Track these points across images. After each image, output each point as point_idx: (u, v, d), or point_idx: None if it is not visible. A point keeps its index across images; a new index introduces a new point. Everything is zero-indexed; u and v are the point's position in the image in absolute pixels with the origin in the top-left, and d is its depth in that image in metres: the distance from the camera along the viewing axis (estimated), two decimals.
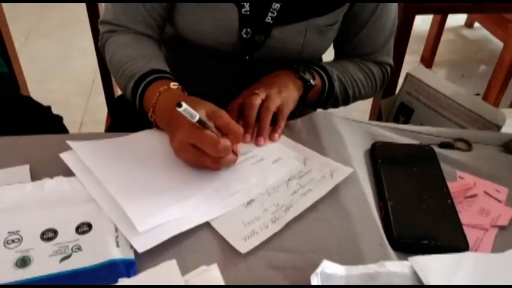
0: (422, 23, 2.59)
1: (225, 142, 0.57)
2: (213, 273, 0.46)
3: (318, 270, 0.48)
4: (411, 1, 1.13)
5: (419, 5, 1.16)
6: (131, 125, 0.70)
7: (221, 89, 0.85)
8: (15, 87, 1.04)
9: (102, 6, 1.09)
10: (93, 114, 2.07)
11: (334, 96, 0.86)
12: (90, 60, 1.18)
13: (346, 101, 0.90)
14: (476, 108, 0.92)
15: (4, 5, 1.22)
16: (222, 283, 0.45)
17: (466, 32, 2.98)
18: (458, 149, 0.72)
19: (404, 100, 1.05)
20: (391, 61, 0.95)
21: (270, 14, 0.78)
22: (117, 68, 0.77)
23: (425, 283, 0.49)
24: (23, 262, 0.49)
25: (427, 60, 2.61)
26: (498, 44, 2.29)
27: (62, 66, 2.37)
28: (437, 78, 1.02)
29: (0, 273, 0.47)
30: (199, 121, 0.56)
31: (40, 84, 2.09)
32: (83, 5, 1.10)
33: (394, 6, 0.88)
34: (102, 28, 0.84)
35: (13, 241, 0.50)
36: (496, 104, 1.96)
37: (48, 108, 0.98)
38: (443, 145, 0.72)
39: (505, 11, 1.79)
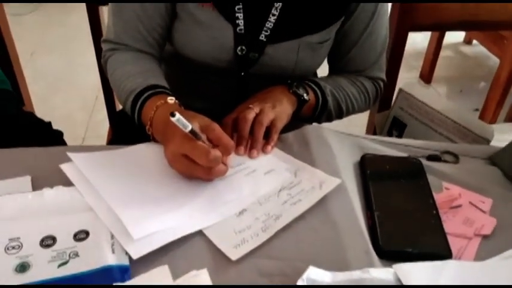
0: (421, 39, 2.63)
1: (216, 152, 0.60)
2: (202, 278, 0.48)
3: (304, 276, 0.50)
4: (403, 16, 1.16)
5: (412, 22, 1.19)
6: (132, 138, 0.73)
7: (218, 104, 0.88)
8: (19, 104, 1.07)
9: (105, 23, 1.13)
10: (96, 129, 2.10)
11: (327, 111, 0.88)
12: (93, 76, 1.22)
13: (340, 115, 0.93)
14: (467, 123, 0.94)
15: (10, 21, 1.26)
16: (207, 278, 0.48)
17: (465, 48, 3.02)
18: (446, 161, 0.74)
19: (397, 115, 1.08)
20: (383, 76, 0.98)
21: (263, 32, 0.81)
22: (118, 83, 0.80)
23: (404, 283, 0.51)
24: (23, 267, 0.51)
25: (426, 76, 2.65)
26: (496, 60, 2.33)
27: (66, 82, 2.41)
28: (429, 94, 1.04)
29: (1, 278, 0.50)
30: (192, 132, 0.58)
31: (44, 100, 2.13)
32: (87, 23, 1.14)
33: (385, 24, 0.91)
34: (104, 46, 0.88)
35: (13, 247, 0.53)
36: (494, 119, 1.98)
37: (49, 124, 1.01)
38: (430, 158, 0.74)
39: (498, 28, 1.82)
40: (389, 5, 0.95)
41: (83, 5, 1.14)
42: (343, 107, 0.91)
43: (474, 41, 2.94)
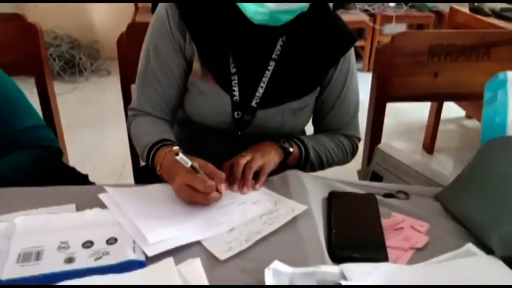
0: (424, 114, 2.85)
1: (211, 182, 0.81)
2: (196, 263, 0.68)
3: (271, 266, 0.69)
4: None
5: (389, 94, 1.42)
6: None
7: (220, 158, 1.09)
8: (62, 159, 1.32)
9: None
10: None
11: (310, 162, 1.09)
12: (122, 147, 1.46)
13: (321, 166, 1.13)
14: (429, 174, 1.13)
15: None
16: (202, 270, 0.67)
17: (466, 122, 3.23)
18: (398, 198, 0.93)
19: (375, 169, 1.27)
20: (358, 134, 1.19)
21: (254, 100, 1.05)
22: (138, 139, 1.04)
23: (348, 279, 0.69)
24: (70, 260, 0.71)
25: (428, 147, 2.84)
26: None
27: (97, 152, 2.69)
28: (400, 152, 1.24)
29: (55, 266, 0.70)
30: (192, 167, 0.80)
31: (77, 167, 2.39)
32: (117, 101, 1.40)
33: (355, 92, 1.14)
34: (129, 112, 1.12)
35: (63, 248, 0.73)
36: None
37: (86, 176, 1.25)
38: (386, 195, 0.94)
39: (461, 99, 2.03)
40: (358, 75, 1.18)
41: (116, 85, 1.41)
42: (323, 159, 1.11)
43: None
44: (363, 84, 1.27)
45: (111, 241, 0.75)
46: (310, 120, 1.18)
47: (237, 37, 1.01)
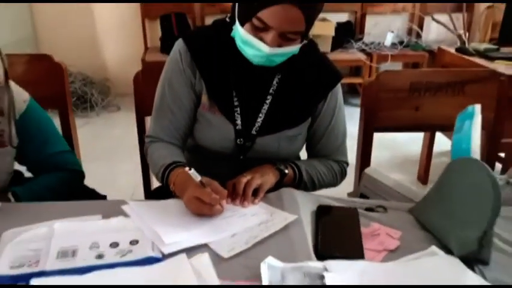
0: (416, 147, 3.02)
1: (215, 195, 0.97)
2: (204, 257, 0.83)
3: (266, 261, 0.84)
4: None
5: (376, 124, 1.58)
6: None
7: (224, 180, 1.25)
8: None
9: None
10: None
11: (303, 182, 1.24)
12: (131, 178, 1.61)
13: (313, 186, 1.28)
14: (407, 192, 1.28)
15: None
16: (210, 263, 0.82)
17: None
18: (377, 211, 1.08)
19: (362, 191, 1.42)
20: (346, 159, 1.35)
21: (254, 128, 1.22)
22: (154, 162, 1.21)
23: (329, 271, 0.83)
24: (99, 256, 0.86)
25: (422, 178, 2.99)
26: None
27: (108, 183, 2.85)
28: (384, 175, 1.39)
29: (87, 261, 0.85)
30: (201, 182, 0.96)
31: None
32: (126, 136, 1.57)
33: (343, 123, 1.31)
34: (146, 139, 1.29)
35: (94, 247, 0.89)
36: None
37: (105, 196, 1.41)
38: (367, 209, 1.09)
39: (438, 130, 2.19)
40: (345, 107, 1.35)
41: (125, 120, 1.58)
42: (315, 180, 1.27)
43: None
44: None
45: (134, 242, 0.91)
46: (304, 147, 1.35)
47: (239, 75, 1.19)
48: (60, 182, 1.27)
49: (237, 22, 1.09)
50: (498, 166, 2.59)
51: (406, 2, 4.50)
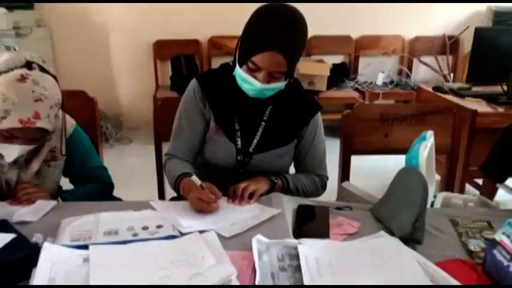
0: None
1: (212, 195, 1.30)
2: (212, 234, 1.15)
3: (256, 237, 1.16)
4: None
5: (352, 148, 1.92)
6: None
7: (227, 189, 1.56)
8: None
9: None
10: None
11: (290, 191, 1.56)
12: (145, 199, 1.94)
13: (298, 195, 1.59)
14: (374, 200, 1.60)
15: None
16: (216, 237, 1.14)
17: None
18: (344, 210, 1.40)
19: (340, 201, 1.74)
20: (326, 174, 1.68)
21: (251, 147, 1.55)
22: (170, 173, 1.54)
23: (301, 245, 1.15)
24: (135, 235, 1.19)
25: None
26: None
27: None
28: (356, 187, 1.71)
29: (126, 237, 1.17)
30: (201, 186, 1.30)
31: None
32: (137, 165, 1.91)
33: (323, 144, 1.64)
34: (165, 156, 1.63)
35: (130, 229, 1.21)
36: None
37: None
38: (337, 208, 1.41)
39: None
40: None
41: (136, 151, 1.93)
42: (300, 189, 1.59)
43: None
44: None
45: (159, 226, 1.23)
46: (293, 163, 1.68)
47: (239, 106, 1.54)
48: (96, 190, 1.60)
49: (237, 65, 1.45)
50: (470, 188, 2.90)
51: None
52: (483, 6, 4.81)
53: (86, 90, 2.03)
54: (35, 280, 0.94)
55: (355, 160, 1.94)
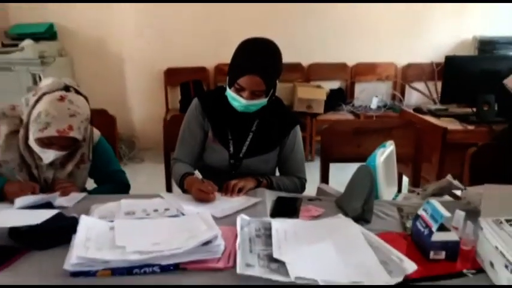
0: None
1: (210, 188, 1.67)
2: (207, 213, 1.51)
3: (240, 215, 1.51)
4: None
5: (330, 157, 2.27)
6: None
7: (221, 187, 1.91)
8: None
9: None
10: None
11: (273, 189, 1.91)
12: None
13: (281, 192, 1.95)
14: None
15: None
16: (210, 216, 1.49)
17: None
18: (314, 201, 1.75)
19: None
20: (305, 176, 2.03)
21: (241, 153, 1.92)
22: (175, 173, 1.91)
23: (274, 221, 1.50)
24: (147, 214, 1.55)
25: None
26: None
27: None
28: (330, 188, 2.05)
29: (141, 216, 1.53)
30: (202, 179, 1.66)
31: None
32: (149, 183, 2.29)
33: (301, 151, 2.01)
34: (172, 161, 2.00)
35: (144, 211, 1.57)
36: None
37: None
38: (309, 199, 1.76)
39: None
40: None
41: (147, 170, 2.31)
42: (282, 188, 1.94)
43: None
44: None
45: (167, 209, 1.59)
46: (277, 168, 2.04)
47: (231, 119, 1.91)
48: (116, 189, 1.96)
49: (227, 87, 1.83)
50: None
51: None
52: (469, 36, 5.19)
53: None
54: (76, 237, 1.29)
55: (334, 166, 2.29)
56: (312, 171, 2.42)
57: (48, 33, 4.66)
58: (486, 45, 4.97)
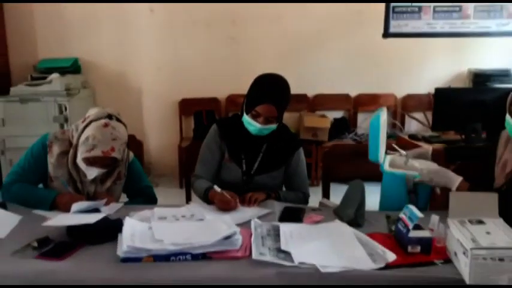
0: None
1: (231, 198, 1.99)
2: (227, 217, 1.83)
3: (254, 220, 1.82)
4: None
5: (332, 176, 2.59)
6: None
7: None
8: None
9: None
10: None
11: (281, 201, 2.23)
12: None
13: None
14: None
15: None
16: (228, 217, 1.81)
17: None
18: (316, 210, 2.07)
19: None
20: (308, 192, 2.36)
21: (252, 171, 2.25)
22: (198, 188, 2.24)
23: (282, 225, 1.81)
24: (177, 219, 1.87)
25: None
26: None
27: None
28: (330, 202, 2.36)
29: (171, 221, 1.85)
30: (222, 192, 2.00)
31: None
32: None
33: (304, 170, 2.34)
34: (193, 178, 2.34)
35: (174, 216, 1.89)
36: None
37: None
38: (312, 209, 2.07)
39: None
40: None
41: (161, 193, 2.64)
42: (288, 200, 2.25)
43: None
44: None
45: (192, 215, 1.91)
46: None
47: (244, 142, 2.25)
48: (146, 202, 2.29)
49: (244, 113, 2.17)
50: None
51: None
52: (465, 68, 5.54)
53: None
54: (124, 233, 1.62)
55: (334, 188, 2.61)
56: (317, 195, 2.71)
57: (73, 67, 5.03)
58: (479, 78, 5.28)
